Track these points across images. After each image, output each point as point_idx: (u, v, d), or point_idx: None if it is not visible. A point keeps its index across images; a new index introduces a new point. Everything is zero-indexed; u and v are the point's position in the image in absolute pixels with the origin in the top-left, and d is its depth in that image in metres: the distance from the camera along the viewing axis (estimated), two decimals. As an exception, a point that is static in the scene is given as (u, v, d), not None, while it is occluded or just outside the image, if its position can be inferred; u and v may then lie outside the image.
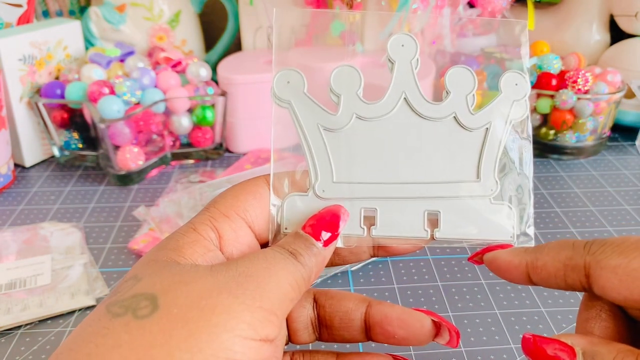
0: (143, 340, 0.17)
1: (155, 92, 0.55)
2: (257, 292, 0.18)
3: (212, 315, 0.17)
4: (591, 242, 0.21)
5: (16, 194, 0.54)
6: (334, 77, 0.24)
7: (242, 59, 0.64)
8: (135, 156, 0.54)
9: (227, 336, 0.17)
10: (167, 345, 0.16)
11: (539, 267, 0.22)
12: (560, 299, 0.40)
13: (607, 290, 0.20)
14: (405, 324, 0.24)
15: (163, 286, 0.18)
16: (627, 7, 0.64)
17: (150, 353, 0.16)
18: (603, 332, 0.21)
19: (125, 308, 0.17)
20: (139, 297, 0.18)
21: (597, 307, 0.22)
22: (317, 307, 0.25)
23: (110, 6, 0.65)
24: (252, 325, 0.18)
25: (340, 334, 0.25)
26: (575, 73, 0.56)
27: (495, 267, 0.23)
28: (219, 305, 0.17)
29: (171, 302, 0.17)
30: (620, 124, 0.64)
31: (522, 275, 0.22)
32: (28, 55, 0.56)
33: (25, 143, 0.58)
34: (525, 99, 0.24)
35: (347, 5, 0.62)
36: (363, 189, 0.24)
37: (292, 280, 0.20)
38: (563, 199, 0.52)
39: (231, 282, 0.18)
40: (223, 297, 0.18)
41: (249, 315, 0.18)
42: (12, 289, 0.39)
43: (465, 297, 0.40)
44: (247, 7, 0.65)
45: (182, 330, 0.17)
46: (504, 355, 0.35)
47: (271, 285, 0.19)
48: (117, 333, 0.17)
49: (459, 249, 0.45)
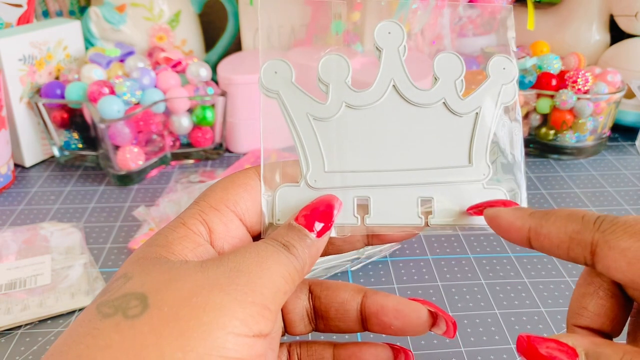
0: (134, 340, 0.16)
1: (155, 92, 0.55)
2: (249, 288, 0.18)
3: (203, 313, 0.17)
4: (602, 218, 0.20)
5: (16, 194, 0.54)
6: (321, 66, 0.24)
7: (242, 59, 0.64)
8: (135, 156, 0.54)
9: (219, 334, 0.17)
10: (158, 344, 0.16)
11: (543, 235, 0.21)
12: (560, 299, 0.40)
13: (612, 270, 0.19)
14: (402, 314, 0.24)
15: (153, 285, 0.18)
16: (627, 7, 0.64)
17: (141, 353, 0.16)
18: (598, 309, 0.21)
19: (115, 308, 0.17)
20: (129, 297, 0.18)
21: (596, 284, 0.22)
22: (313, 298, 0.25)
23: (110, 6, 0.65)
24: (245, 321, 0.17)
25: (336, 324, 0.25)
26: (575, 73, 0.56)
27: (495, 224, 0.23)
28: (210, 303, 0.17)
29: (161, 300, 0.17)
30: (620, 124, 0.64)
31: (522, 239, 0.22)
32: (28, 55, 0.56)
33: (25, 143, 0.58)
34: (513, 82, 0.24)
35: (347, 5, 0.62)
36: (355, 178, 0.23)
37: (285, 273, 0.20)
38: (563, 199, 0.52)
39: (222, 278, 0.18)
40: (214, 294, 0.17)
41: (241, 312, 0.17)
42: (12, 289, 0.39)
43: (465, 297, 0.40)
44: (247, 7, 0.65)
45: (174, 329, 0.17)
46: (503, 355, 0.35)
47: (264, 279, 0.19)
48: (107, 333, 0.17)
49: (459, 248, 0.45)
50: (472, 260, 0.44)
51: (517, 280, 0.42)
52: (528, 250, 0.45)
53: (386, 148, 0.24)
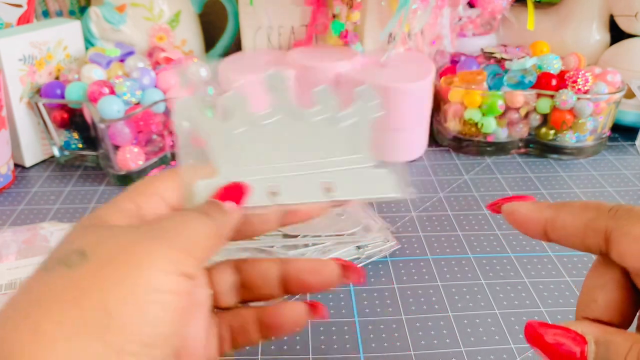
0: (78, 281, 0.19)
1: (155, 92, 0.55)
2: (175, 237, 0.21)
3: (135, 257, 0.19)
4: (617, 206, 0.21)
5: (16, 194, 0.54)
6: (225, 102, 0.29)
7: (242, 59, 0.64)
8: (135, 156, 0.54)
9: (150, 271, 0.19)
10: (99, 281, 0.19)
11: (559, 225, 0.22)
12: (560, 299, 0.40)
13: (625, 257, 0.19)
14: (317, 270, 0.27)
15: (91, 242, 0.20)
16: (627, 7, 0.65)
17: (84, 288, 0.18)
18: (607, 301, 0.21)
19: (57, 261, 0.20)
20: (69, 253, 0.20)
21: (606, 276, 0.22)
22: (238, 272, 0.28)
23: (110, 6, 0.65)
24: (172, 262, 0.20)
25: (260, 292, 0.28)
26: (575, 73, 0.56)
27: (513, 218, 0.24)
28: (141, 250, 0.20)
29: (99, 252, 0.20)
30: (620, 124, 0.64)
31: (539, 231, 0.23)
32: (28, 55, 0.56)
33: (25, 143, 0.58)
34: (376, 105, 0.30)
35: (347, 4, 0.62)
36: (265, 171, 0.28)
37: (206, 230, 0.22)
38: (563, 199, 0.52)
39: (152, 232, 0.21)
40: (145, 244, 0.20)
41: (168, 255, 0.20)
42: (12, 289, 0.39)
43: (465, 297, 0.40)
44: (247, 8, 0.65)
45: (110, 270, 0.19)
46: (503, 355, 0.35)
47: (187, 233, 0.21)
48: (52, 280, 0.19)
49: (459, 248, 0.45)
50: (472, 260, 0.44)
51: (517, 280, 0.42)
52: (528, 250, 0.45)
53: (289, 149, 0.29)
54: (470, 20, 0.71)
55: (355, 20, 0.63)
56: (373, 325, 0.38)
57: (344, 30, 0.63)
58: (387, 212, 0.50)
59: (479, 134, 0.60)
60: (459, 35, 0.71)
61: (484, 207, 0.51)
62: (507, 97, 0.58)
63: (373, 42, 0.65)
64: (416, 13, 0.62)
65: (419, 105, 0.57)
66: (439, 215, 0.50)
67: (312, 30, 0.67)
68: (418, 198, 0.53)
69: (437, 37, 0.67)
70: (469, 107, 0.59)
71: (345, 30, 0.63)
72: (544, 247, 0.45)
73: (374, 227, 0.45)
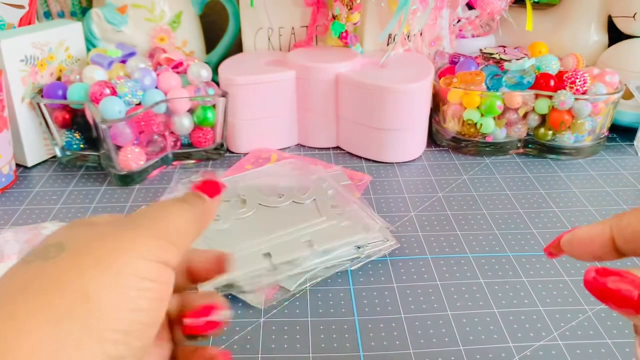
0: (55, 270, 0.18)
1: (157, 93, 0.55)
2: (155, 225, 0.21)
3: (115, 244, 0.19)
4: None
5: (18, 193, 0.54)
6: None
7: (242, 60, 0.65)
8: (137, 156, 0.55)
9: (130, 257, 0.19)
10: (76, 268, 0.18)
11: (624, 227, 0.21)
12: (559, 298, 0.40)
13: None
14: None
15: (69, 235, 0.20)
16: (625, 8, 0.65)
17: (62, 275, 0.18)
18: None
19: (35, 255, 0.19)
20: (48, 247, 0.20)
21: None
22: None
23: (111, 7, 0.66)
24: (152, 249, 0.20)
25: None
26: (573, 74, 0.57)
27: (575, 244, 0.22)
28: (122, 238, 0.20)
29: (77, 243, 0.20)
30: (619, 125, 0.64)
31: (606, 243, 0.21)
32: (30, 56, 0.56)
33: (27, 143, 0.58)
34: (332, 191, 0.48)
35: (346, 5, 0.62)
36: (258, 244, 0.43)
37: (186, 217, 0.22)
38: (561, 199, 0.53)
39: (131, 222, 0.21)
40: (125, 233, 0.20)
41: (148, 242, 0.20)
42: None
43: (464, 296, 0.40)
44: (248, 9, 0.65)
45: (89, 258, 0.19)
46: (502, 354, 0.35)
47: (167, 220, 0.22)
48: (31, 271, 0.19)
49: (458, 248, 0.45)
50: (471, 260, 0.44)
51: (516, 279, 0.42)
52: (527, 250, 0.45)
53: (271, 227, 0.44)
54: (469, 22, 0.71)
55: (355, 21, 0.63)
56: (372, 324, 0.38)
57: (343, 31, 0.63)
58: (387, 211, 0.51)
59: (478, 135, 0.60)
60: (458, 36, 0.72)
61: (483, 206, 0.51)
62: (506, 98, 0.58)
63: (373, 43, 0.65)
64: (415, 14, 0.63)
65: (418, 106, 0.58)
66: (438, 215, 0.50)
67: (312, 31, 0.67)
68: (417, 198, 0.53)
69: (436, 38, 0.68)
70: (467, 107, 0.59)
71: (345, 31, 0.63)
72: (542, 247, 0.46)
73: (373, 227, 0.45)
